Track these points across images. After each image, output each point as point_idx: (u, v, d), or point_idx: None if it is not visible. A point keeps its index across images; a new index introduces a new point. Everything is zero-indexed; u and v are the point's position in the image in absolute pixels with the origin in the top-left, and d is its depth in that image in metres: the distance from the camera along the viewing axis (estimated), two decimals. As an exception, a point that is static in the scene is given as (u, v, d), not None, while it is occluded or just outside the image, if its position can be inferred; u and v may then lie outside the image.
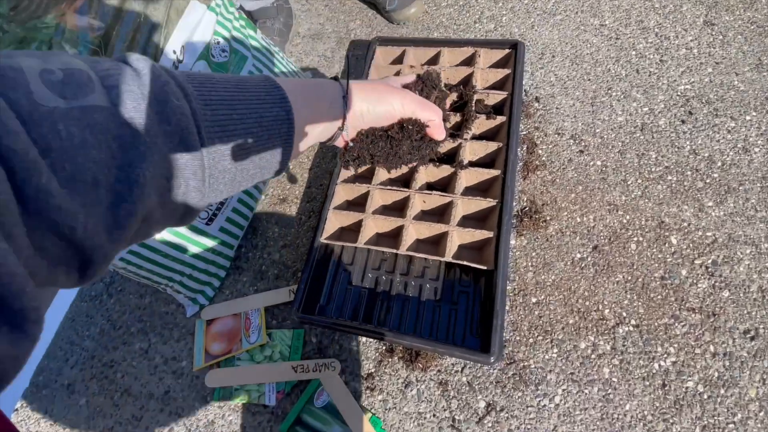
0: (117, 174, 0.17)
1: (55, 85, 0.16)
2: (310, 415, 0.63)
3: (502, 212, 0.64)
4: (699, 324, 0.61)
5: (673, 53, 0.83)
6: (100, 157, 0.16)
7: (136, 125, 0.18)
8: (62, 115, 0.16)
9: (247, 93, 0.27)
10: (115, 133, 0.17)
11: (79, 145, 0.16)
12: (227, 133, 0.24)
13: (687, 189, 0.70)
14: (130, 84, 0.19)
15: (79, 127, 0.16)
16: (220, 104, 0.24)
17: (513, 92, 0.74)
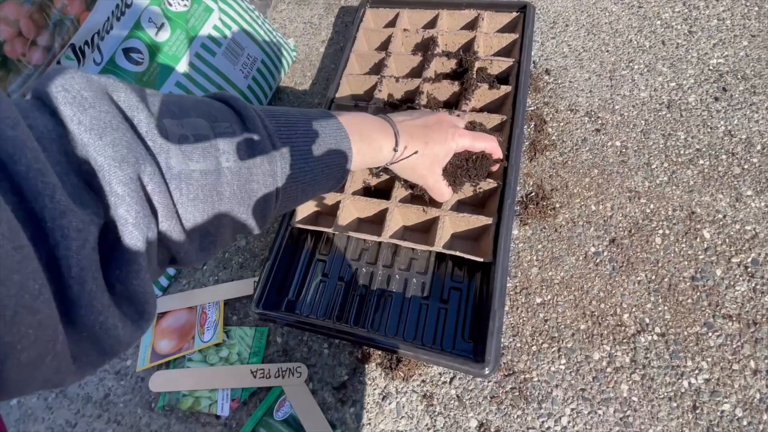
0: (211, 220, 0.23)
1: (186, 150, 0.22)
2: (268, 430, 0.53)
3: (503, 196, 0.54)
4: (737, 334, 0.50)
5: (703, 24, 0.73)
6: (204, 209, 0.22)
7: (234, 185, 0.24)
8: (186, 176, 0.21)
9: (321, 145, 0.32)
10: (218, 191, 0.23)
11: (192, 199, 0.21)
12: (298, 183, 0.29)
13: (722, 175, 0.60)
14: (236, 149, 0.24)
15: (195, 187, 0.22)
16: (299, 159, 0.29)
17: (520, 59, 0.64)
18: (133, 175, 0.19)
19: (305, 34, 0.90)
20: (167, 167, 0.21)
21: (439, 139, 0.45)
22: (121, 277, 0.19)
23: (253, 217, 0.26)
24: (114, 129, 0.19)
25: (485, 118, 0.61)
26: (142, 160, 0.19)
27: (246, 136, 0.25)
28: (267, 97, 0.77)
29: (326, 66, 0.84)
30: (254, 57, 0.72)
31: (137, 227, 0.18)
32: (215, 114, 0.25)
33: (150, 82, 0.57)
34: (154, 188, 0.20)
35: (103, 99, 0.20)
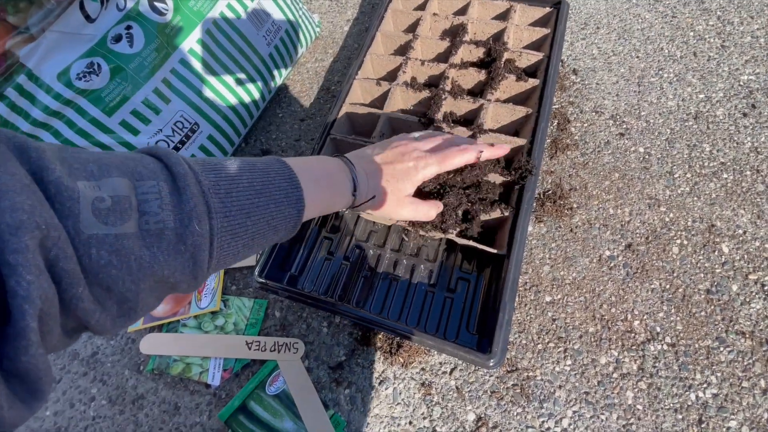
0: (129, 286, 0.21)
1: (101, 213, 0.20)
2: (259, 404, 0.51)
3: (522, 189, 0.53)
4: (749, 352, 0.49)
5: (736, 39, 0.71)
6: (117, 275, 0.20)
7: (154, 248, 0.22)
8: (98, 240, 0.20)
9: (267, 198, 0.29)
10: (136, 255, 0.21)
11: (105, 265, 0.20)
12: (237, 239, 0.27)
13: (745, 191, 0.58)
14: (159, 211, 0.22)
15: (107, 251, 0.20)
16: (238, 214, 0.27)
17: (551, 54, 0.63)
18: (29, 241, 0.17)
19: (330, 11, 0.88)
20: (76, 232, 0.19)
21: (402, 174, 0.41)
22: (10, 354, 0.17)
23: (181, 280, 0.24)
24: (16, 192, 0.17)
25: (510, 109, 0.59)
26: (45, 225, 0.18)
27: (174, 195, 0.23)
28: (287, 68, 0.76)
29: (349, 45, 0.83)
30: (278, 26, 0.70)
31: (26, 300, 0.17)
32: (141, 171, 0.23)
33: (171, 36, 0.55)
34: (58, 254, 0.18)
35: (10, 160, 0.18)
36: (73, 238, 0.19)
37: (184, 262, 0.23)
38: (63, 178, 0.19)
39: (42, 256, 0.18)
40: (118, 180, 0.22)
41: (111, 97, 0.51)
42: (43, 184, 0.19)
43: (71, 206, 0.19)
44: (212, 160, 0.28)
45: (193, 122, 0.60)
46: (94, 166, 0.21)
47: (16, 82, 0.45)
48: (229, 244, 0.26)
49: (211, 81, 0.61)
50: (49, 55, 0.46)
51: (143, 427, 0.53)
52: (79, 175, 0.20)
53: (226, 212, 0.26)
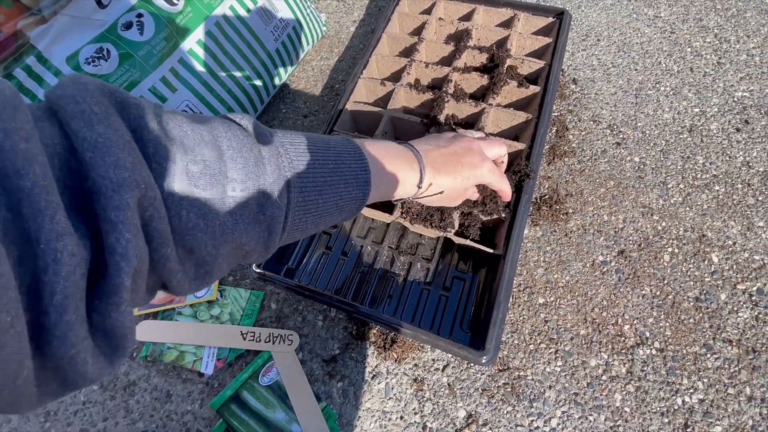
0: (210, 250, 0.22)
1: (194, 176, 0.21)
2: (252, 393, 0.51)
3: (520, 192, 0.54)
4: (736, 359, 0.50)
5: (732, 57, 0.73)
6: (202, 238, 0.21)
7: (237, 215, 0.23)
8: (189, 203, 0.20)
9: (338, 177, 0.30)
10: (221, 220, 0.22)
11: (192, 228, 0.20)
12: (308, 215, 0.28)
13: (735, 203, 0.60)
14: (245, 179, 0.23)
15: (196, 214, 0.21)
16: (312, 190, 0.28)
17: (552, 63, 0.64)
18: (130, 200, 0.17)
19: (337, 11, 0.89)
20: (169, 192, 0.20)
21: (468, 170, 0.41)
22: (100, 309, 0.17)
23: (255, 249, 0.25)
24: (119, 148, 0.18)
25: (511, 114, 0.60)
26: (144, 184, 0.18)
27: (259, 166, 0.24)
28: (293, 64, 0.76)
29: (354, 45, 0.84)
30: (286, 23, 0.71)
31: (124, 258, 0.17)
32: (231, 138, 0.23)
33: (182, 26, 0.56)
34: (153, 214, 0.19)
35: (113, 115, 0.19)
36: (166, 199, 0.20)
37: (261, 231, 0.24)
38: (161, 138, 0.20)
39: (139, 215, 0.18)
40: (211, 145, 0.22)
41: (118, 83, 0.52)
42: (142, 142, 0.19)
43: (167, 167, 0.20)
44: (293, 133, 0.29)
45: (197, 112, 0.60)
46: (188, 128, 0.22)
47: (25, 63, 0.45)
48: (300, 219, 0.27)
49: (217, 73, 0.62)
50: (60, 38, 0.47)
51: (134, 413, 0.53)
52: (174, 137, 0.21)
53: (302, 187, 0.27)
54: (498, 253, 0.51)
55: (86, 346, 0.17)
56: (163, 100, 0.56)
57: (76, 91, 0.18)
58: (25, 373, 0.15)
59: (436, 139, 0.43)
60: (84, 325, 0.17)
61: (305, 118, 0.76)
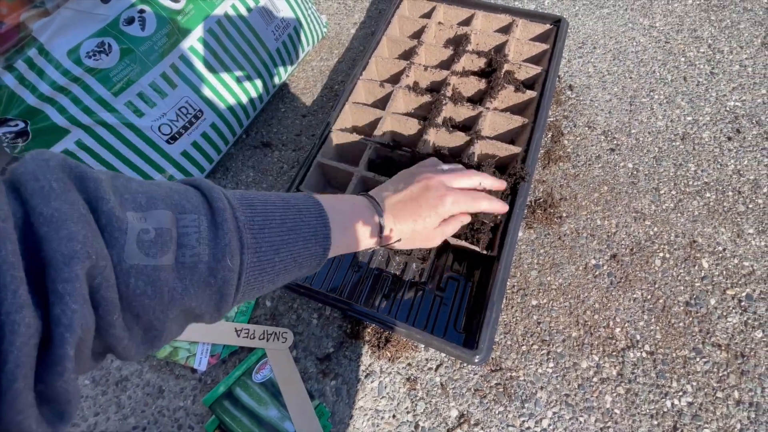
0: (158, 315, 0.22)
1: (145, 244, 0.21)
2: (245, 390, 0.51)
3: (515, 195, 0.54)
4: (724, 363, 0.51)
5: (725, 67, 0.75)
6: (149, 304, 0.21)
7: (187, 280, 0.23)
8: (137, 271, 0.21)
9: (296, 235, 0.30)
10: (170, 286, 0.22)
11: (139, 294, 0.21)
12: (264, 274, 0.28)
13: (726, 210, 0.61)
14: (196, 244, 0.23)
15: (144, 282, 0.21)
16: (268, 250, 0.28)
17: (549, 69, 0.65)
18: (79, 271, 0.18)
19: (338, 13, 0.90)
20: (119, 261, 0.20)
21: (428, 211, 0.41)
22: (45, 378, 0.18)
23: (206, 312, 0.25)
24: (73, 222, 0.18)
25: (507, 118, 0.61)
26: (95, 255, 0.19)
27: (212, 230, 0.24)
28: (293, 64, 0.77)
29: (354, 47, 0.84)
30: (287, 23, 0.71)
31: (69, 329, 0.18)
32: (185, 205, 0.24)
33: (183, 24, 0.56)
34: (101, 282, 0.19)
35: (71, 191, 0.19)
36: (116, 267, 0.20)
37: (212, 294, 0.24)
38: (115, 209, 0.20)
39: (87, 284, 0.19)
40: (163, 212, 0.23)
41: (119, 77, 0.52)
42: (96, 213, 0.20)
43: (119, 237, 0.20)
44: (250, 194, 0.29)
45: (197, 109, 0.61)
46: (143, 197, 0.22)
47: (26, 55, 0.46)
48: (255, 279, 0.27)
49: (218, 70, 0.62)
50: (62, 31, 0.47)
51: (125, 408, 0.52)
52: (128, 206, 0.22)
53: (257, 248, 0.27)
54: (492, 255, 0.52)
55: (32, 412, 0.17)
56: (163, 96, 0.57)
57: (36, 167, 0.19)
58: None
59: (396, 183, 0.43)
60: (31, 392, 0.17)
61: (304, 117, 0.76)
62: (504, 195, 0.54)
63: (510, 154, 0.58)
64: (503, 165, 0.60)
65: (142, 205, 0.22)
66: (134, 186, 0.23)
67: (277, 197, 0.30)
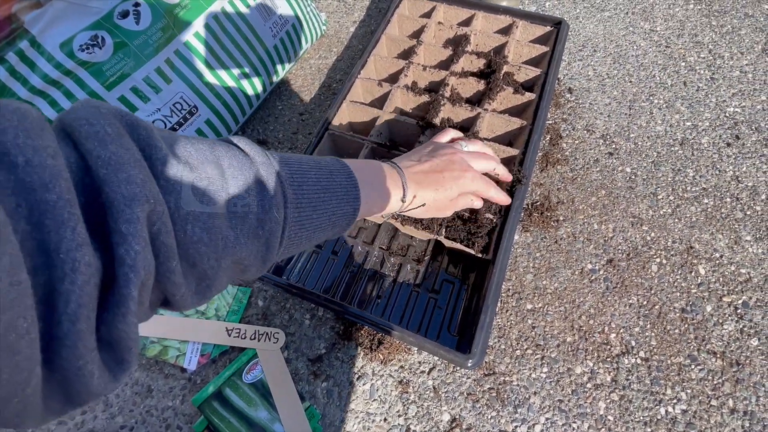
0: (212, 263, 0.22)
1: (198, 193, 0.22)
2: (234, 391, 0.50)
3: (512, 197, 0.54)
4: (719, 371, 0.50)
5: (725, 73, 0.75)
6: (205, 251, 0.22)
7: (238, 230, 0.24)
8: (194, 218, 0.21)
9: (330, 194, 0.31)
10: (223, 234, 0.22)
11: (196, 241, 0.21)
12: (303, 230, 0.29)
13: (724, 217, 0.60)
14: (246, 196, 0.24)
15: (201, 228, 0.21)
16: (307, 206, 0.29)
17: (548, 71, 0.65)
18: (140, 214, 0.18)
19: (338, 11, 0.90)
20: (176, 207, 0.21)
21: (450, 182, 0.43)
22: (108, 320, 0.18)
23: (253, 264, 0.25)
24: (131, 166, 0.19)
25: (505, 120, 0.61)
26: (153, 199, 0.19)
27: (258, 183, 0.25)
28: (290, 62, 0.76)
29: (353, 46, 0.84)
30: (286, 19, 0.71)
31: (133, 269, 0.18)
32: (231, 158, 0.25)
33: (179, 17, 0.56)
34: (161, 228, 0.19)
35: (124, 136, 0.20)
36: (173, 213, 0.20)
37: (260, 246, 0.25)
38: (168, 157, 0.21)
39: (147, 229, 0.19)
40: (213, 165, 0.23)
41: (112, 71, 0.51)
42: (150, 160, 0.20)
43: (174, 184, 0.21)
44: (285, 154, 0.30)
45: (192, 105, 0.60)
46: (192, 148, 0.23)
47: (18, 47, 0.45)
48: (296, 233, 0.28)
49: (214, 66, 0.61)
50: (54, 24, 0.46)
51: (113, 407, 0.52)
52: (180, 156, 0.22)
53: (297, 203, 0.28)
54: (487, 258, 0.51)
55: (94, 357, 0.17)
56: (157, 91, 0.56)
57: (89, 113, 0.19)
58: (34, 382, 0.15)
59: (418, 153, 0.44)
60: (93, 336, 0.17)
61: (301, 115, 0.76)
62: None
63: (508, 156, 0.57)
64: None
65: (193, 156, 0.23)
66: (184, 139, 0.23)
67: (310, 159, 0.32)
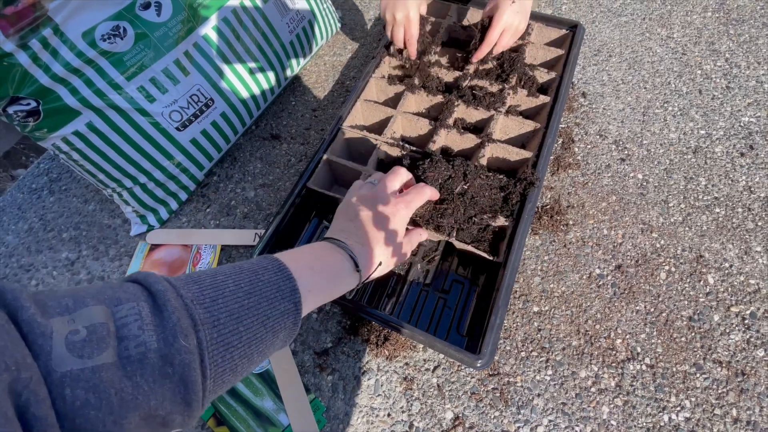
0: (111, 427, 0.19)
1: (76, 346, 0.19)
2: (242, 381, 0.51)
3: (524, 200, 0.54)
4: (724, 381, 0.50)
5: (741, 82, 0.74)
6: (96, 415, 0.18)
7: (137, 376, 0.20)
8: (72, 378, 0.18)
9: (258, 296, 0.27)
10: (116, 388, 0.19)
11: (81, 407, 0.18)
12: (232, 349, 0.25)
13: (735, 227, 0.60)
14: (139, 333, 0.21)
15: (83, 389, 0.18)
16: (228, 320, 0.25)
17: (563, 74, 0.65)
18: (1, 387, 0.16)
19: (354, 9, 0.90)
20: (47, 371, 0.18)
21: (392, 223, 0.40)
22: None
23: (174, 411, 0.21)
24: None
25: (519, 123, 0.61)
26: (16, 366, 0.17)
27: (156, 313, 0.22)
28: (305, 58, 0.77)
29: (368, 43, 0.84)
30: (302, 15, 0.71)
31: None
32: (120, 297, 0.22)
33: (199, 10, 0.56)
34: (29, 398, 0.17)
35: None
36: (46, 379, 0.18)
37: (174, 387, 0.21)
38: (36, 316, 0.19)
39: (12, 402, 0.16)
40: (95, 308, 0.21)
41: (132, 62, 0.52)
42: (17, 324, 0.18)
43: (43, 343, 0.18)
44: (194, 273, 0.27)
45: (208, 97, 0.61)
46: (69, 299, 0.21)
47: (41, 34, 0.46)
48: (223, 357, 0.24)
49: (231, 60, 0.62)
50: (77, 13, 0.47)
51: (122, 392, 0.53)
52: (53, 312, 0.20)
53: (213, 321, 0.24)
54: (498, 261, 0.52)
55: None
56: (176, 83, 0.57)
57: None
58: None
59: (344, 216, 0.41)
60: None
61: (314, 111, 0.76)
62: (513, 201, 0.53)
63: (521, 159, 0.58)
64: (513, 169, 0.60)
65: (69, 307, 0.20)
66: (60, 292, 0.21)
67: (228, 266, 0.28)
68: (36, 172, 0.75)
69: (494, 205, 0.53)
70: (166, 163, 0.60)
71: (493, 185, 0.54)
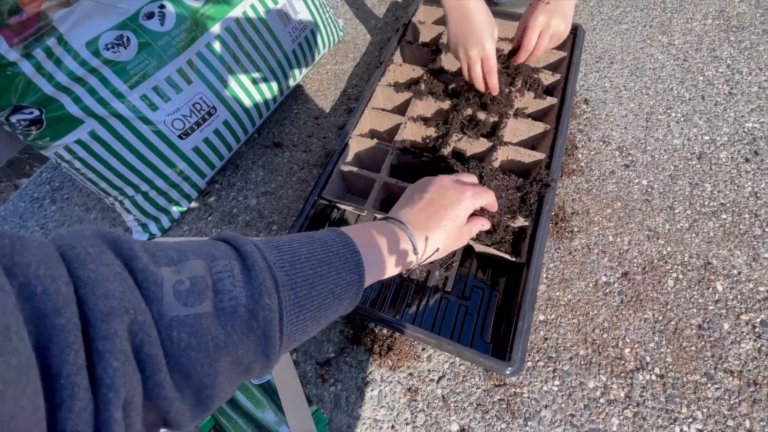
0: (207, 369, 0.21)
1: (181, 295, 0.21)
2: (242, 392, 0.50)
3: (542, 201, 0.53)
4: (736, 391, 0.49)
5: (744, 88, 0.74)
6: (196, 357, 0.21)
7: (229, 326, 0.22)
8: (179, 323, 0.20)
9: (328, 266, 0.29)
10: (213, 335, 0.21)
11: (184, 348, 0.20)
12: (305, 311, 0.27)
13: (742, 233, 0.59)
14: (231, 288, 0.23)
15: (187, 333, 0.20)
16: (303, 285, 0.27)
17: (568, 75, 0.65)
18: (118, 327, 0.18)
19: (355, 18, 0.91)
20: (159, 315, 0.20)
21: (453, 209, 0.40)
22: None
23: (255, 361, 0.24)
24: (110, 281, 0.19)
25: (528, 124, 0.60)
26: (133, 309, 0.19)
27: (245, 272, 0.24)
28: (308, 66, 0.77)
29: (370, 51, 0.84)
30: (305, 25, 0.72)
31: (112, 389, 0.17)
32: (214, 253, 0.24)
33: (202, 20, 0.57)
34: (144, 338, 0.19)
35: (105, 253, 0.20)
36: (157, 321, 0.20)
37: (257, 339, 0.24)
38: (149, 265, 0.21)
39: (129, 341, 0.18)
40: (195, 262, 0.23)
41: (135, 70, 0.52)
42: (132, 272, 0.20)
43: (155, 290, 0.20)
44: (273, 238, 0.29)
45: (211, 106, 0.61)
46: (173, 252, 0.23)
47: (45, 44, 0.46)
48: (297, 317, 0.26)
49: (233, 68, 0.62)
50: (81, 22, 0.47)
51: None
52: (161, 262, 0.22)
53: (292, 284, 0.26)
54: (521, 262, 0.51)
55: None
56: (178, 91, 0.57)
57: (72, 238, 0.20)
58: None
59: (409, 197, 0.42)
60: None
61: (316, 119, 0.76)
62: (531, 201, 0.53)
63: (534, 160, 0.57)
64: (526, 171, 0.59)
65: (174, 259, 0.22)
66: (165, 245, 0.23)
67: (301, 235, 0.31)
68: (38, 181, 0.75)
69: (512, 205, 0.53)
70: (168, 171, 0.60)
71: (510, 186, 0.53)
